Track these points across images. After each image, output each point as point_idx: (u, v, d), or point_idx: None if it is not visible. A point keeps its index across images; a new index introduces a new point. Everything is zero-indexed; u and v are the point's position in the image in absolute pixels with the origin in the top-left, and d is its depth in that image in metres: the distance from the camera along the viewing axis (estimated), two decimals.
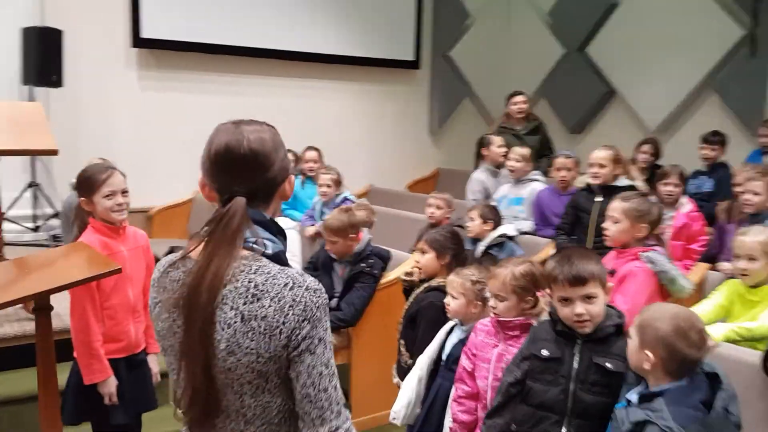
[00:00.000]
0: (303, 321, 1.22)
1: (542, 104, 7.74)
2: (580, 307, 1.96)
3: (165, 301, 1.32)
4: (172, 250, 4.82)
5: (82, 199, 2.50)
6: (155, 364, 2.72)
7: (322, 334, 1.24)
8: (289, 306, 1.21)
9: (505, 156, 4.73)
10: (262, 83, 6.98)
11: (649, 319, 1.84)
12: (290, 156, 5.75)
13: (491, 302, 2.34)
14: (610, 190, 3.65)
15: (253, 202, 1.29)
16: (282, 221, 4.34)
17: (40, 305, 2.08)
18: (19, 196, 5.23)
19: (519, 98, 5.60)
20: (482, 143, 4.93)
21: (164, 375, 2.75)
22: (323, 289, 1.28)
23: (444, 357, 2.61)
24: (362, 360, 3.65)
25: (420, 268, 2.93)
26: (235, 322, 1.21)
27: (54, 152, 3.34)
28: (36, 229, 5.38)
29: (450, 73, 8.00)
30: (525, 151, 4.64)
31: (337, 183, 4.72)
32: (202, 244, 1.26)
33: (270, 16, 6.77)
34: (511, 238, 4.08)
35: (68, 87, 5.82)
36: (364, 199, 4.94)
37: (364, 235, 3.66)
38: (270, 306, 1.21)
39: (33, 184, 5.23)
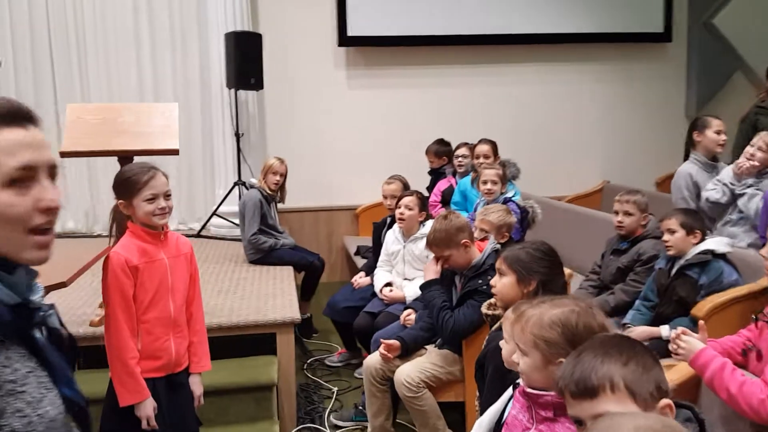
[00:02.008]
0: None
1: None
2: None
3: None
4: (358, 251, 4.65)
5: (121, 202, 2.34)
6: (199, 385, 2.46)
7: None
8: None
9: (723, 145, 3.53)
10: (473, 72, 6.46)
11: None
12: (464, 150, 5.22)
13: (514, 356, 1.60)
14: None
15: None
16: None
17: None
18: (227, 193, 5.59)
19: None
20: (695, 126, 3.75)
21: (208, 396, 2.49)
22: None
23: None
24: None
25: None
26: None
27: (175, 152, 3.36)
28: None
29: (713, 45, 6.50)
30: None
31: (503, 180, 4.04)
32: None
33: None
34: (721, 255, 3.01)
35: (279, 89, 6.08)
36: (532, 201, 4.14)
37: (489, 243, 2.99)
38: None
39: (240, 183, 5.53)
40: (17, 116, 0.96)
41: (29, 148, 0.95)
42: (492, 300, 2.33)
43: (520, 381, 1.64)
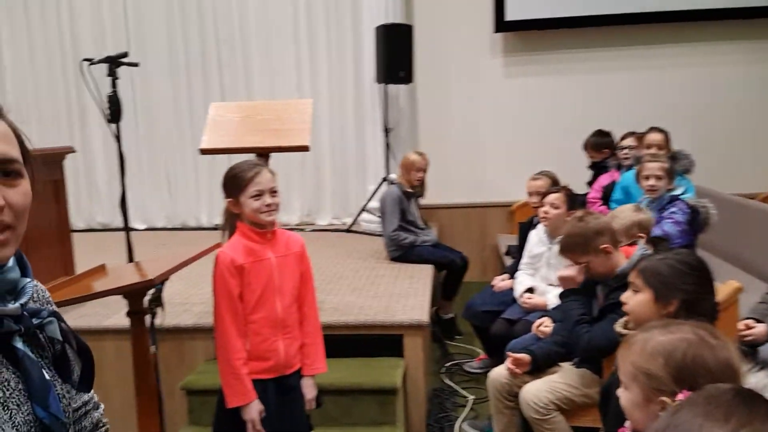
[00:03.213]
0: None
1: None
2: None
3: None
4: (508, 251, 4.42)
5: (229, 200, 2.32)
6: (311, 388, 2.37)
7: None
8: None
9: None
10: (644, 54, 5.81)
11: None
12: (630, 140, 4.64)
13: (619, 390, 1.30)
14: None
15: None
16: None
17: (133, 308, 2.04)
18: (375, 189, 5.55)
19: None
20: None
21: (331, 394, 2.39)
22: None
23: None
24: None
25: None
26: None
27: (305, 149, 3.33)
28: None
29: None
30: None
31: (670, 174, 3.52)
32: None
33: None
34: None
35: (430, 81, 5.93)
36: (706, 200, 3.55)
37: (637, 249, 2.59)
38: None
39: (387, 179, 5.47)
40: None
41: None
42: (628, 317, 1.97)
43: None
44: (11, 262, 0.91)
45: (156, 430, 2.10)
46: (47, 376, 0.92)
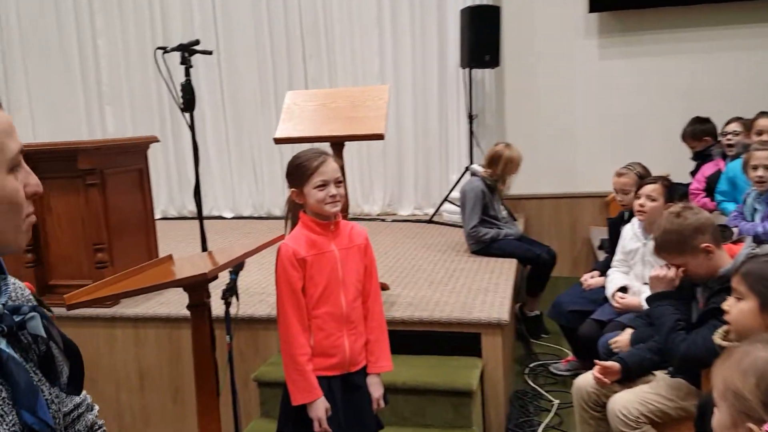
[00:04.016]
0: None
1: None
2: None
3: None
4: (602, 245, 4.16)
5: (293, 190, 2.23)
6: (378, 386, 2.25)
7: None
8: None
9: None
10: (747, 33, 5.29)
11: None
12: (735, 125, 4.18)
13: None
14: None
15: None
16: None
17: (192, 301, 1.98)
18: (458, 179, 5.36)
19: None
20: None
21: (405, 393, 2.28)
22: None
23: None
24: None
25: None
26: None
27: (380, 137, 3.20)
28: None
29: None
30: None
31: None
32: None
33: None
34: None
35: (518, 65, 5.66)
36: None
37: (744, 247, 2.29)
38: None
39: (469, 170, 5.26)
40: None
41: (15, 131, 0.89)
42: (728, 327, 1.73)
43: None
44: None
45: (216, 427, 2.05)
46: (35, 380, 0.84)
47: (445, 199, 5.43)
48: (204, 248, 3.07)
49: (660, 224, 2.33)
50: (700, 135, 4.54)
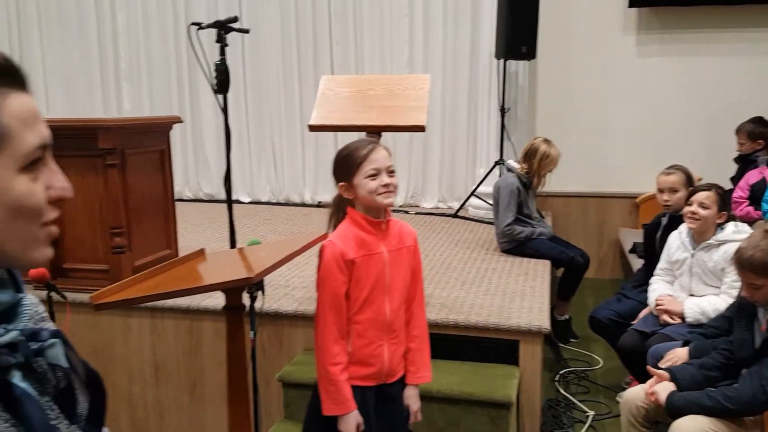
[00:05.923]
0: None
1: None
2: None
3: None
4: (634, 248, 3.98)
5: (341, 184, 2.03)
6: (415, 399, 2.09)
7: None
8: None
9: None
10: None
11: None
12: None
13: None
14: None
15: None
16: None
17: (230, 303, 1.82)
18: (487, 173, 5.18)
19: None
20: None
21: (439, 401, 2.12)
22: None
23: None
24: None
25: None
26: None
27: (421, 129, 3.02)
28: None
29: None
30: None
31: None
32: None
33: None
34: None
35: (553, 58, 5.47)
36: None
37: None
38: None
39: (500, 162, 5.09)
40: (19, 77, 0.70)
41: (42, 121, 0.72)
42: None
43: None
44: (3, 273, 0.72)
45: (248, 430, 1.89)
46: (52, 418, 0.70)
47: (472, 194, 5.25)
48: (232, 239, 2.91)
49: (753, 241, 2.15)
50: (756, 136, 4.36)
